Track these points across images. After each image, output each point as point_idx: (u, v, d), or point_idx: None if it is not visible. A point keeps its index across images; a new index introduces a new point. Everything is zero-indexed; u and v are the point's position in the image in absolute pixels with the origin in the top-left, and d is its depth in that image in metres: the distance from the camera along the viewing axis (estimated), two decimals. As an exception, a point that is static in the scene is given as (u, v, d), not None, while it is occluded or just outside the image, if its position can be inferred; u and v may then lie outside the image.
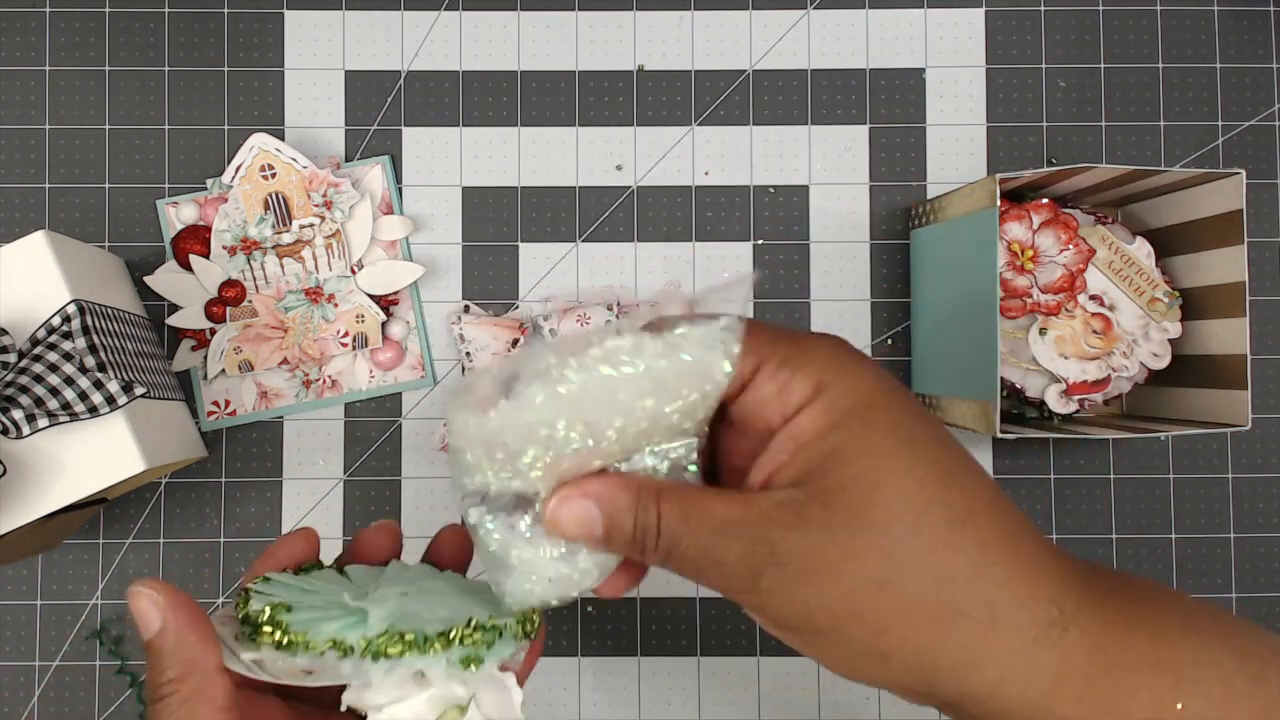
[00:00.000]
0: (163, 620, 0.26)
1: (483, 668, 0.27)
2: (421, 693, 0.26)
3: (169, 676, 0.26)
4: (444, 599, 0.29)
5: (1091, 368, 0.49)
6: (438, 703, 0.26)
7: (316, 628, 0.26)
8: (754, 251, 0.54)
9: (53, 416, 0.40)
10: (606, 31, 0.54)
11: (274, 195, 0.51)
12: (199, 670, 0.26)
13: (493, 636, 0.27)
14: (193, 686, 0.26)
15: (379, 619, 0.26)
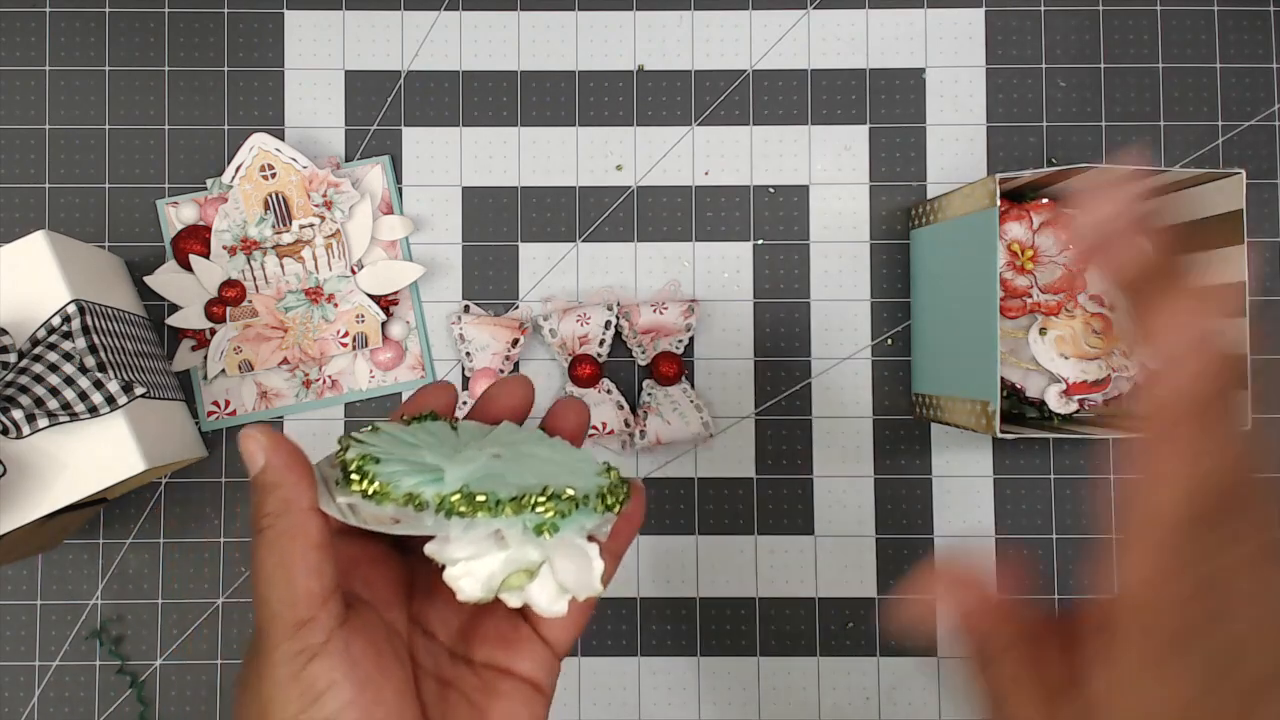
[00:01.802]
0: (265, 459, 0.27)
1: (558, 535, 0.27)
2: (499, 552, 0.27)
3: (267, 510, 0.27)
4: (538, 465, 0.29)
5: (1091, 368, 0.49)
6: (511, 564, 0.27)
7: (398, 480, 0.27)
8: (754, 251, 0.54)
9: (53, 416, 0.40)
10: (606, 31, 0.54)
11: (274, 195, 0.51)
12: (294, 508, 0.27)
13: (568, 506, 0.27)
14: (289, 522, 0.26)
15: (455, 478, 0.27)
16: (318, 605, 0.26)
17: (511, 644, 0.30)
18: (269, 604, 0.26)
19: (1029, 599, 0.26)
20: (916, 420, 0.54)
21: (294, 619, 0.26)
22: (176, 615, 0.52)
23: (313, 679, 0.25)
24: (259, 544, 0.27)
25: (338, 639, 0.26)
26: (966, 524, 0.53)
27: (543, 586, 0.27)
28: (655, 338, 0.52)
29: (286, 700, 0.25)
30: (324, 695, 0.25)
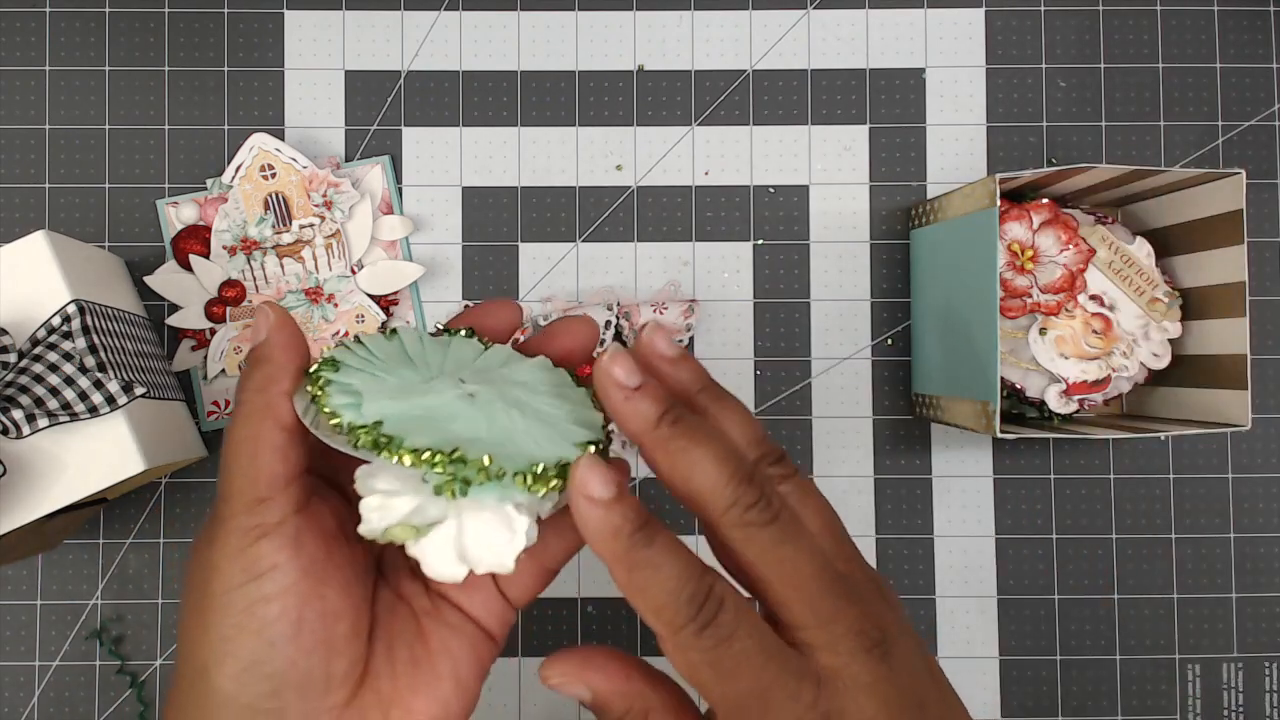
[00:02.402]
0: (266, 333, 0.27)
1: (468, 498, 0.24)
2: (415, 497, 0.24)
3: (250, 384, 0.27)
4: (506, 415, 0.26)
5: (1091, 368, 0.49)
6: (416, 514, 0.24)
7: (330, 397, 0.26)
8: (754, 251, 0.54)
9: (53, 416, 0.40)
10: (606, 31, 0.54)
11: (274, 195, 0.51)
12: (273, 387, 0.26)
13: (471, 472, 0.24)
14: (265, 399, 0.26)
15: (372, 411, 0.25)
16: (277, 487, 0.26)
17: (466, 586, 0.29)
18: (231, 476, 0.26)
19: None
20: (916, 420, 0.54)
21: (252, 495, 0.26)
22: (176, 615, 0.52)
23: (257, 556, 0.25)
24: (234, 414, 0.27)
25: (290, 524, 0.26)
26: (966, 524, 0.53)
27: (435, 547, 0.25)
28: (655, 338, 0.52)
29: (231, 572, 0.25)
30: (265, 575, 0.25)
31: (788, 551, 0.25)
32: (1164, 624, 0.53)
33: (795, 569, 0.25)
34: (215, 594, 0.25)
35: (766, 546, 0.25)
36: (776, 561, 0.25)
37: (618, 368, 0.26)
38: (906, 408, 0.54)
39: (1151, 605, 0.53)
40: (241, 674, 0.25)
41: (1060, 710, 0.53)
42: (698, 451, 0.25)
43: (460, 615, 0.29)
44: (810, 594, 0.25)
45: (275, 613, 0.25)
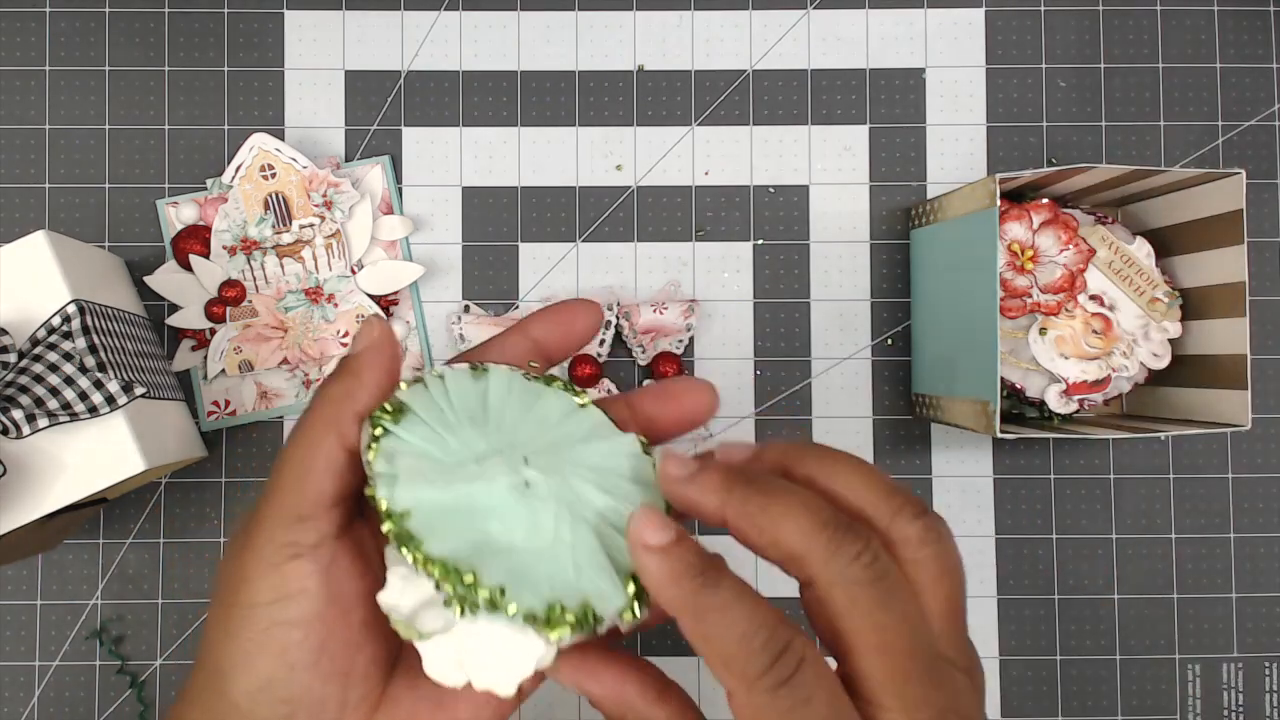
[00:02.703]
0: (363, 347, 0.26)
1: (476, 615, 0.23)
2: (429, 595, 0.23)
3: (326, 394, 0.26)
4: (554, 519, 0.24)
5: (1091, 368, 0.49)
6: (421, 617, 0.23)
7: (378, 463, 0.24)
8: (754, 251, 0.54)
9: (53, 416, 0.40)
10: (606, 31, 0.54)
11: (274, 195, 0.51)
12: (347, 406, 0.25)
13: (479, 599, 0.22)
14: (335, 413, 0.25)
15: (405, 498, 0.23)
16: (322, 506, 0.25)
17: None
18: (281, 481, 0.25)
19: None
20: (916, 420, 0.54)
21: (295, 510, 0.24)
22: (176, 615, 0.52)
23: (287, 576, 0.24)
24: (304, 416, 0.26)
25: (325, 549, 0.24)
26: (966, 524, 0.53)
27: (437, 653, 0.23)
28: (655, 338, 0.52)
29: (260, 587, 0.24)
30: (292, 598, 0.24)
31: (889, 619, 0.23)
32: (1164, 624, 0.53)
33: (893, 640, 0.23)
34: (242, 604, 0.24)
35: (866, 609, 0.23)
36: (874, 628, 0.23)
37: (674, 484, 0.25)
38: (906, 408, 0.54)
39: (1151, 605, 0.53)
40: (257, 692, 0.24)
41: (1060, 710, 0.53)
42: (778, 507, 0.23)
43: None
44: (902, 673, 0.23)
45: (297, 638, 0.24)
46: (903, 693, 0.22)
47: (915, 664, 0.23)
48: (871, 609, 0.23)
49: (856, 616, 0.23)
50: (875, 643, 0.23)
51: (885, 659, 0.23)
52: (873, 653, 0.23)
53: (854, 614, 0.23)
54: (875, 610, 0.23)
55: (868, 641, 0.23)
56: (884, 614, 0.23)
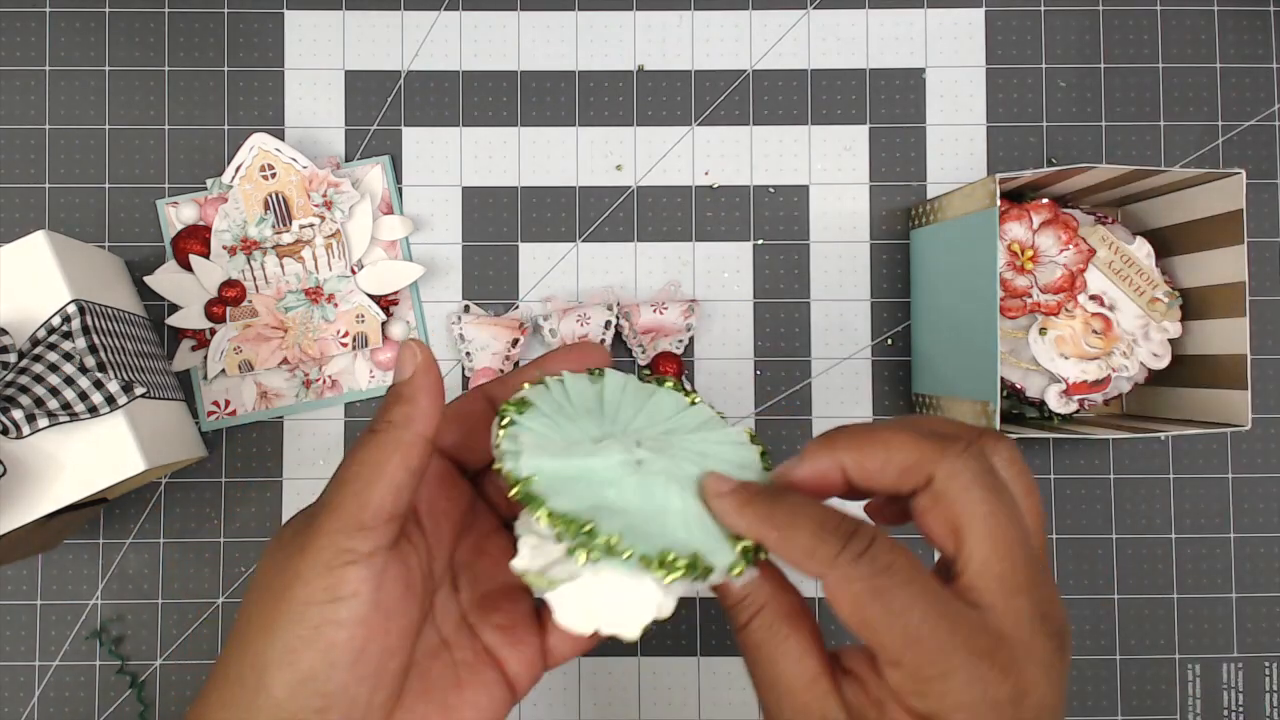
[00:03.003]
0: (411, 373, 0.28)
1: (601, 564, 0.25)
2: (558, 551, 0.26)
3: (388, 416, 0.28)
4: (664, 489, 0.27)
5: (1091, 368, 0.49)
6: (555, 568, 0.26)
7: (504, 443, 0.27)
8: (754, 251, 0.54)
9: (53, 416, 0.40)
10: (606, 31, 0.54)
11: (274, 195, 0.51)
12: (412, 428, 0.27)
13: (597, 546, 0.25)
14: (400, 435, 0.27)
15: (528, 465, 0.26)
16: (381, 519, 0.26)
17: (514, 638, 0.30)
18: (344, 492, 0.27)
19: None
20: (916, 420, 0.54)
21: (356, 519, 0.26)
22: (176, 615, 0.52)
23: (343, 579, 0.26)
24: (364, 439, 0.28)
25: (380, 558, 0.26)
26: (966, 524, 0.53)
27: (566, 601, 0.26)
28: (655, 338, 0.52)
29: (314, 586, 0.26)
30: (344, 600, 0.26)
31: (1000, 508, 0.25)
32: (1164, 624, 0.53)
33: (1003, 529, 0.25)
34: (293, 601, 0.26)
35: (980, 497, 0.25)
36: (986, 515, 0.25)
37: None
38: (906, 408, 0.54)
39: (1151, 605, 0.53)
40: (297, 685, 0.25)
41: (1060, 710, 0.53)
42: (784, 513, 0.26)
43: (495, 672, 0.30)
44: (1009, 559, 0.25)
45: (343, 638, 0.26)
46: (1004, 577, 0.24)
47: (1020, 553, 0.25)
48: (985, 496, 0.25)
49: (970, 503, 0.25)
50: (986, 530, 0.25)
51: (993, 544, 0.25)
52: (983, 538, 0.25)
53: (968, 500, 0.25)
54: (989, 498, 0.25)
55: (980, 528, 0.25)
56: (996, 503, 0.25)
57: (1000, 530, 0.25)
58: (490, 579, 0.31)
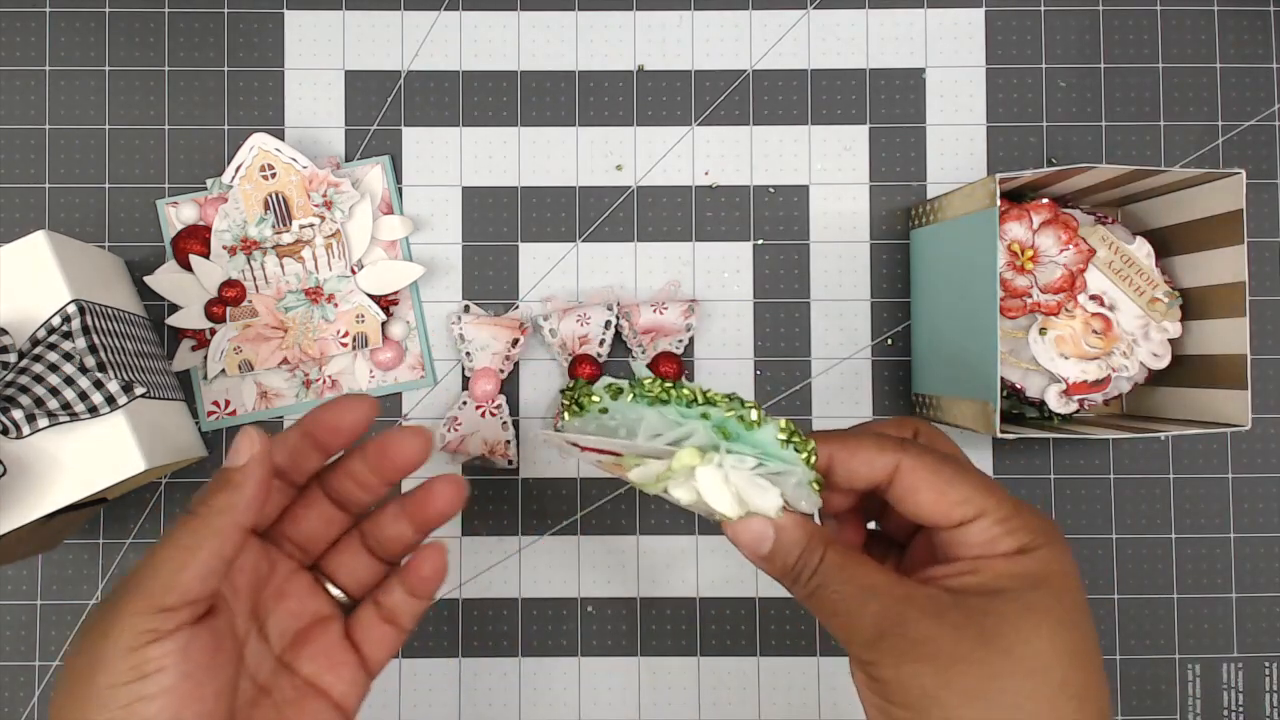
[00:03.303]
0: (247, 464, 0.30)
1: (730, 456, 0.29)
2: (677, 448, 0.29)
3: (211, 501, 0.29)
4: None
5: (1091, 368, 0.49)
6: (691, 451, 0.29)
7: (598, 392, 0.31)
8: (754, 251, 0.54)
9: (53, 416, 0.40)
10: (606, 31, 0.54)
11: (274, 195, 0.51)
12: (233, 518, 0.29)
13: (748, 412, 0.29)
14: (219, 524, 0.29)
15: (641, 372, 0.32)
16: (186, 600, 0.28)
17: (333, 663, 0.32)
18: (152, 575, 0.28)
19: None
20: (916, 420, 0.54)
21: (160, 601, 0.27)
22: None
23: (145, 658, 0.27)
24: (182, 521, 0.29)
25: (184, 633, 0.27)
26: (966, 524, 0.53)
27: (711, 482, 0.29)
28: (655, 338, 0.52)
29: (118, 669, 0.27)
30: (150, 676, 0.27)
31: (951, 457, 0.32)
32: (1164, 624, 0.53)
33: (970, 473, 0.31)
34: (99, 687, 0.27)
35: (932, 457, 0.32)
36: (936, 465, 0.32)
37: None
38: (906, 408, 0.54)
39: (1151, 605, 0.53)
40: None
41: (1060, 710, 0.53)
42: None
43: (323, 702, 0.31)
44: (984, 486, 0.31)
45: (154, 711, 0.27)
46: (986, 488, 0.30)
47: (988, 480, 0.31)
48: (946, 465, 0.31)
49: (944, 472, 0.30)
50: (965, 480, 0.30)
51: (973, 486, 0.30)
52: (966, 486, 0.30)
53: (940, 472, 0.30)
54: (949, 465, 0.31)
55: (964, 485, 0.30)
56: (958, 466, 0.31)
57: (976, 475, 0.31)
58: (297, 618, 0.33)
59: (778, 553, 0.30)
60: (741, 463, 0.29)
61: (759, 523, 0.30)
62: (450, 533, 0.52)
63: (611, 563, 0.53)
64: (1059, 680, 0.27)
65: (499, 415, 0.52)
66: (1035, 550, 0.29)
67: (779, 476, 0.30)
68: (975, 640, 0.27)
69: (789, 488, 0.30)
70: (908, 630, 0.28)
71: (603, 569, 0.53)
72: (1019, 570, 0.29)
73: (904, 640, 0.28)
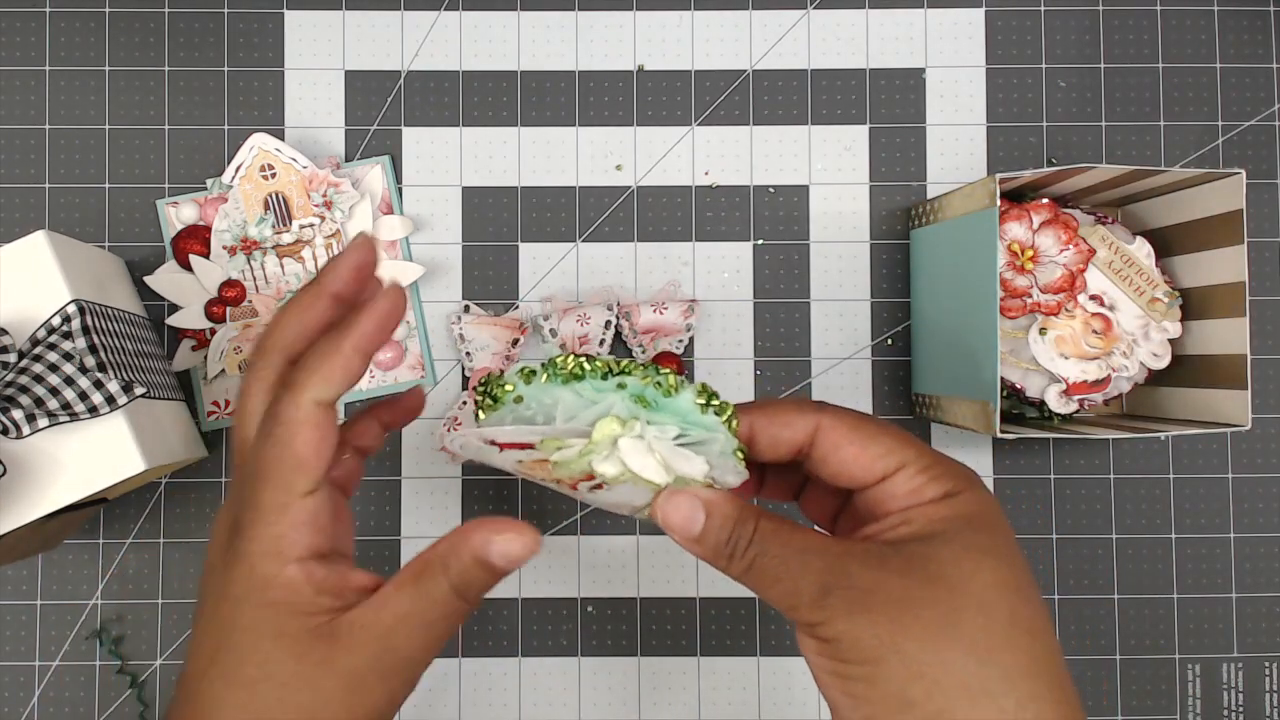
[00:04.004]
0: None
1: (651, 427, 0.29)
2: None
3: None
4: None
5: (1091, 368, 0.49)
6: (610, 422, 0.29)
7: (506, 381, 0.30)
8: (754, 251, 0.54)
9: (53, 416, 0.40)
10: (606, 31, 0.54)
11: (274, 195, 0.51)
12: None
13: (664, 378, 0.29)
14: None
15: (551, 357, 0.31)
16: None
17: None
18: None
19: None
20: (916, 420, 0.54)
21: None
22: (176, 615, 0.52)
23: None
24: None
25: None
26: (966, 524, 0.53)
27: (635, 451, 0.28)
28: (655, 338, 0.52)
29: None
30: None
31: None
32: (1164, 624, 0.53)
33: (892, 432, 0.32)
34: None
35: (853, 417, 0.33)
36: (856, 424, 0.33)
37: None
38: (906, 408, 0.54)
39: (1151, 605, 0.53)
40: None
41: (1060, 710, 0.53)
42: None
43: None
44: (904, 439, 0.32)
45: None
46: (907, 442, 0.31)
47: (904, 434, 0.32)
48: (865, 421, 0.32)
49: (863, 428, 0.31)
50: (888, 435, 0.31)
51: (894, 439, 0.31)
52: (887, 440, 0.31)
53: (860, 427, 0.31)
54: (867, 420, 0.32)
55: (887, 438, 0.31)
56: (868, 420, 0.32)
57: (893, 429, 0.32)
58: None
59: (710, 530, 0.30)
60: (664, 433, 0.29)
61: (688, 503, 0.29)
62: (450, 533, 0.52)
63: (611, 563, 0.53)
64: (1008, 614, 0.27)
65: (499, 415, 0.52)
66: (961, 494, 0.30)
67: (702, 445, 0.29)
68: (923, 581, 0.27)
69: (714, 456, 0.30)
70: (854, 580, 0.28)
71: (603, 569, 0.53)
72: (950, 514, 0.29)
73: (851, 590, 0.27)
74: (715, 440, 0.30)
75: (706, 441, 0.29)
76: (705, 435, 0.29)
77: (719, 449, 0.30)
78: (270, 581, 0.28)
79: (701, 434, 0.29)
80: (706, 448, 0.30)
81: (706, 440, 0.29)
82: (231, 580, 0.29)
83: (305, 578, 0.28)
